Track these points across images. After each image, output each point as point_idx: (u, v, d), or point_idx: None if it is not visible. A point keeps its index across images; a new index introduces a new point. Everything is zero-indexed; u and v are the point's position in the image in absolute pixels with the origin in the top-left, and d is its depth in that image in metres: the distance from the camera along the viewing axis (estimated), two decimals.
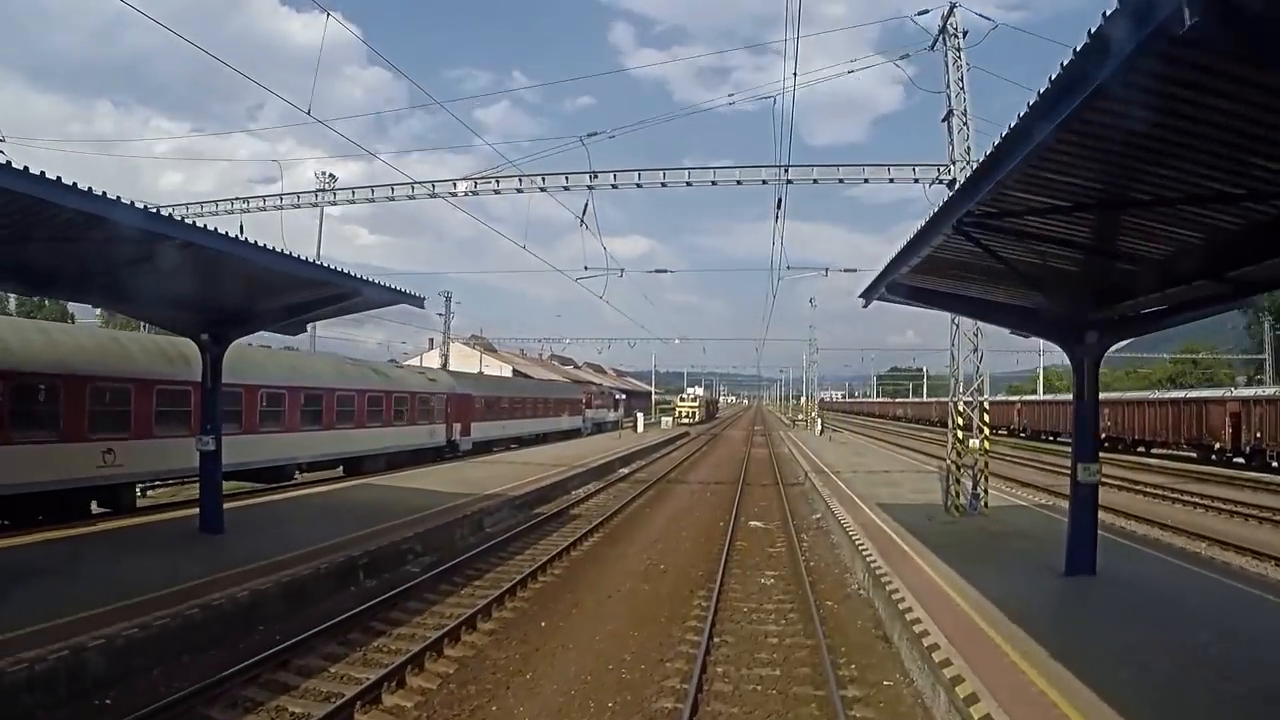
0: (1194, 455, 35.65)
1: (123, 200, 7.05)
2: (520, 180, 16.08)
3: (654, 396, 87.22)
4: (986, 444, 14.61)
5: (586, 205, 15.73)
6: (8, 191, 5.93)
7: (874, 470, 23.73)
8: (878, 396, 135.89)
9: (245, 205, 20.72)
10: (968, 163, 14.94)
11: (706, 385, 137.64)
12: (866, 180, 15.61)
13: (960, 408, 14.59)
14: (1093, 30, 3.41)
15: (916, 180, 15.49)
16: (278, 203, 19.94)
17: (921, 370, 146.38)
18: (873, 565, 10.60)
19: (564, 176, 15.73)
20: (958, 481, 14.54)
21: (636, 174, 15.41)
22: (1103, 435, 44.33)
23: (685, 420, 69.87)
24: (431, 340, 75.93)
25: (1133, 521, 18.03)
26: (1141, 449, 41.31)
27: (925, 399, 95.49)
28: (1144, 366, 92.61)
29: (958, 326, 14.95)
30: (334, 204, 19.37)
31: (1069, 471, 25.31)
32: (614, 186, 15.57)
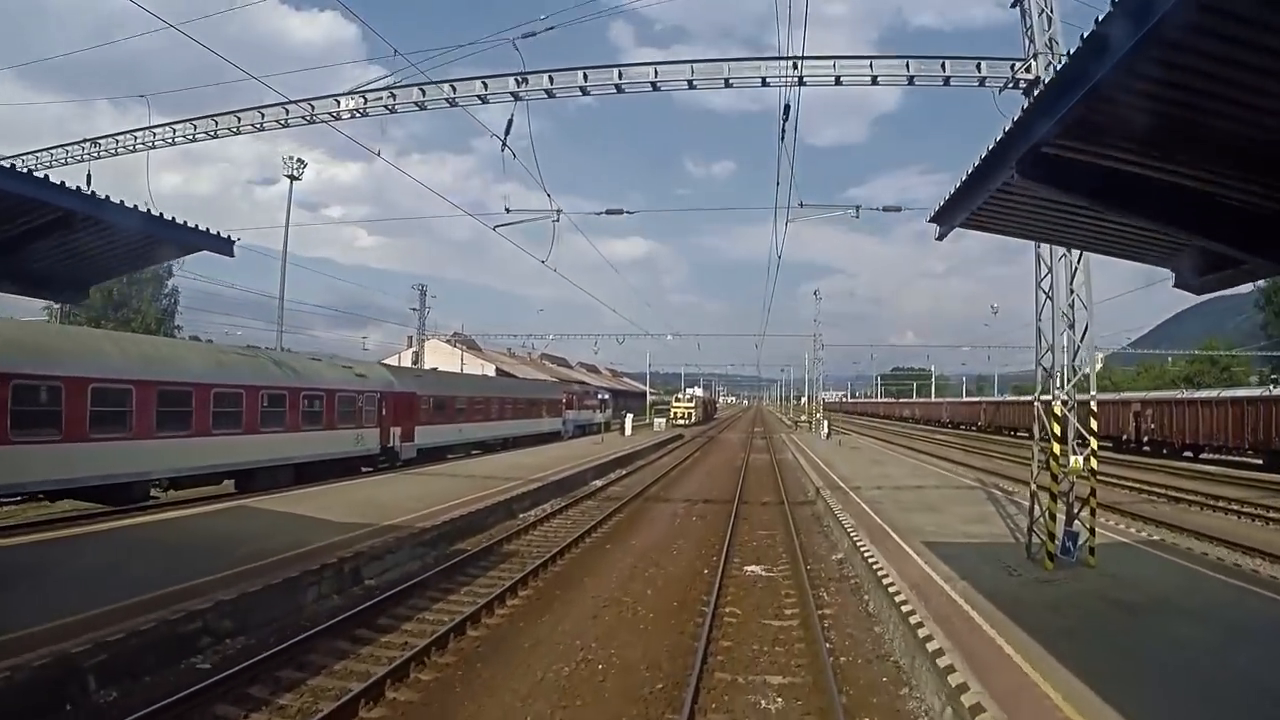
0: (1259, 462, 30.95)
1: None
2: (422, 89, 11.41)
3: (649, 397, 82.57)
4: (1094, 462, 9.95)
5: (510, 121, 11.10)
6: None
7: (901, 485, 19.04)
8: (881, 397, 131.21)
9: (97, 151, 16.05)
10: (1053, 57, 10.32)
11: (705, 386, 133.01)
12: (912, 81, 10.92)
13: (1058, 411, 9.91)
14: None
15: (983, 82, 10.84)
16: (132, 143, 15.25)
17: (924, 369, 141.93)
18: (956, 684, 5.95)
19: (481, 83, 11.07)
20: (1051, 517, 9.87)
21: (580, 73, 10.74)
22: (1145, 439, 39.77)
23: (681, 422, 65.20)
24: (410, 339, 71.79)
25: (1265, 561, 13.23)
26: (1189, 454, 36.60)
27: (934, 399, 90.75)
28: (1149, 365, 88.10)
29: (1048, 298, 10.33)
30: (192, 139, 14.64)
31: (1146, 486, 20.03)
32: (549, 94, 10.91)
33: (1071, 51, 3.67)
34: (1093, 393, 10.24)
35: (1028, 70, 10.71)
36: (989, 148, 4.86)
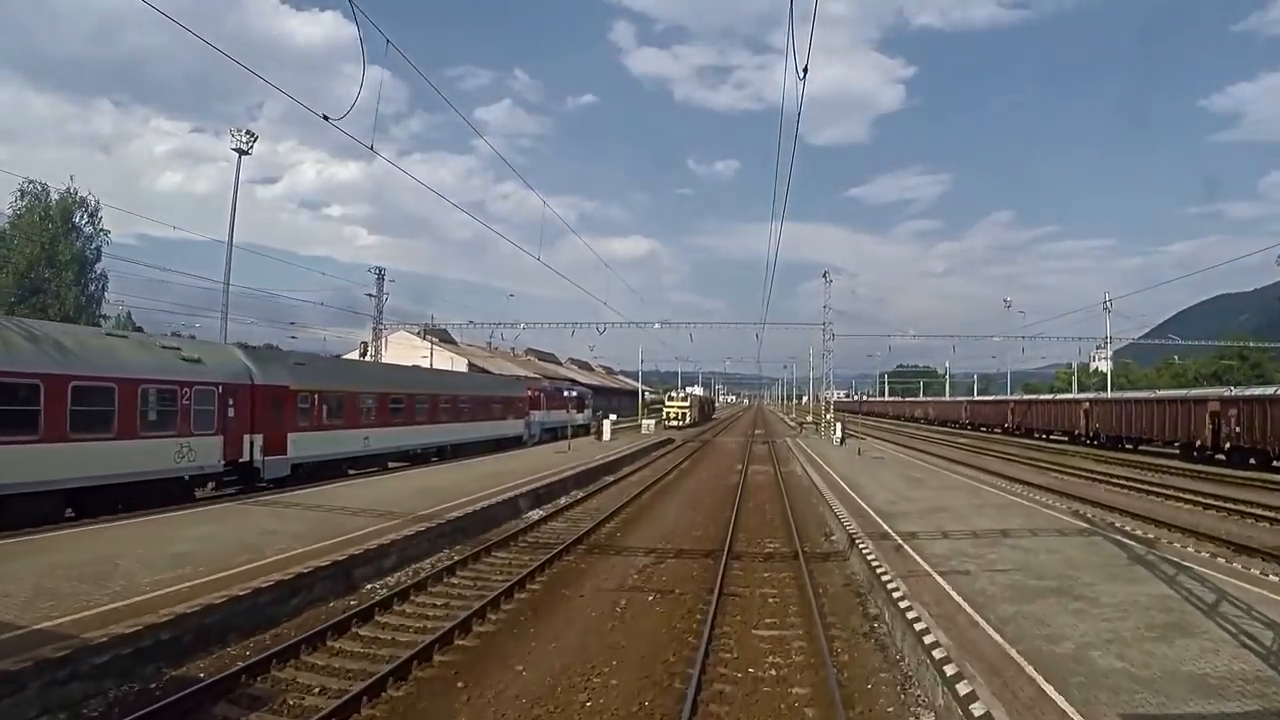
0: None
1: None
2: None
3: (643, 395, 76.04)
4: None
5: None
6: None
7: (978, 530, 12.56)
8: (887, 395, 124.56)
9: None
10: None
11: (705, 384, 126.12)
12: None
13: None
14: None
15: None
16: None
17: (930, 368, 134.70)
18: None
19: None
20: None
21: None
22: (1226, 444, 33.34)
23: (674, 423, 58.81)
24: (376, 330, 65.57)
25: None
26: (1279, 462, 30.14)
27: (951, 398, 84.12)
28: (1168, 363, 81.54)
29: None
30: None
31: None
32: None
33: None
34: None
35: None
36: None
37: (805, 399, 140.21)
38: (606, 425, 36.29)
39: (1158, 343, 76.99)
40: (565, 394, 39.35)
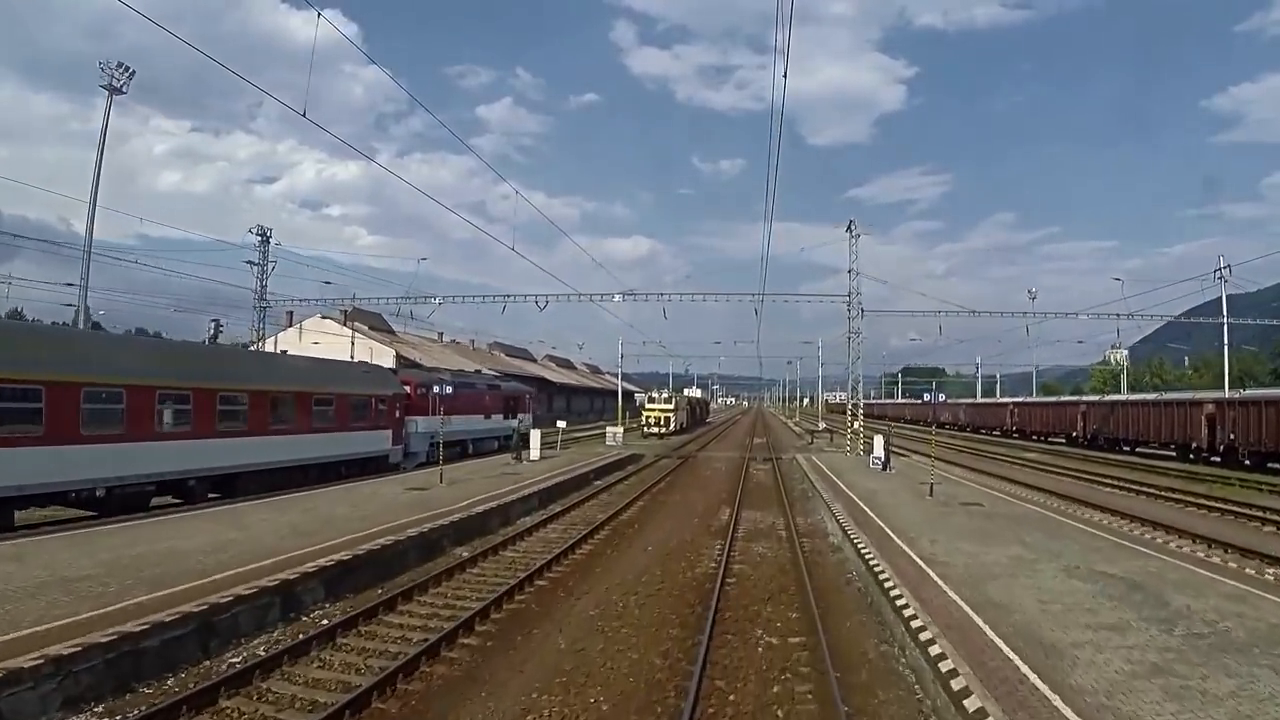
0: None
1: None
2: None
3: (625, 395, 64.45)
4: None
5: None
6: None
7: None
8: (900, 396, 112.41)
9: None
10: None
11: (703, 386, 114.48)
12: None
13: None
14: None
15: None
16: None
17: (938, 367, 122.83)
18: None
19: None
20: None
21: None
22: None
23: (654, 430, 47.43)
24: (290, 314, 54.16)
25: None
26: None
27: (989, 399, 72.05)
28: (1207, 362, 70.49)
29: None
30: None
31: None
32: None
33: None
34: None
35: None
36: None
37: (808, 402, 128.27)
38: (535, 438, 24.64)
39: (1213, 321, 65.18)
40: (475, 390, 27.52)
